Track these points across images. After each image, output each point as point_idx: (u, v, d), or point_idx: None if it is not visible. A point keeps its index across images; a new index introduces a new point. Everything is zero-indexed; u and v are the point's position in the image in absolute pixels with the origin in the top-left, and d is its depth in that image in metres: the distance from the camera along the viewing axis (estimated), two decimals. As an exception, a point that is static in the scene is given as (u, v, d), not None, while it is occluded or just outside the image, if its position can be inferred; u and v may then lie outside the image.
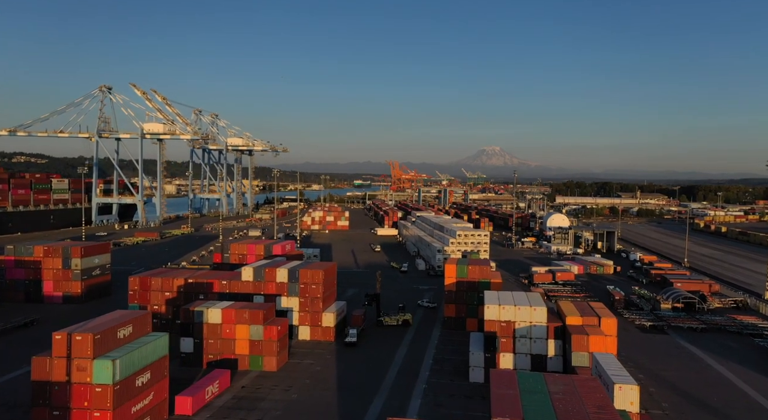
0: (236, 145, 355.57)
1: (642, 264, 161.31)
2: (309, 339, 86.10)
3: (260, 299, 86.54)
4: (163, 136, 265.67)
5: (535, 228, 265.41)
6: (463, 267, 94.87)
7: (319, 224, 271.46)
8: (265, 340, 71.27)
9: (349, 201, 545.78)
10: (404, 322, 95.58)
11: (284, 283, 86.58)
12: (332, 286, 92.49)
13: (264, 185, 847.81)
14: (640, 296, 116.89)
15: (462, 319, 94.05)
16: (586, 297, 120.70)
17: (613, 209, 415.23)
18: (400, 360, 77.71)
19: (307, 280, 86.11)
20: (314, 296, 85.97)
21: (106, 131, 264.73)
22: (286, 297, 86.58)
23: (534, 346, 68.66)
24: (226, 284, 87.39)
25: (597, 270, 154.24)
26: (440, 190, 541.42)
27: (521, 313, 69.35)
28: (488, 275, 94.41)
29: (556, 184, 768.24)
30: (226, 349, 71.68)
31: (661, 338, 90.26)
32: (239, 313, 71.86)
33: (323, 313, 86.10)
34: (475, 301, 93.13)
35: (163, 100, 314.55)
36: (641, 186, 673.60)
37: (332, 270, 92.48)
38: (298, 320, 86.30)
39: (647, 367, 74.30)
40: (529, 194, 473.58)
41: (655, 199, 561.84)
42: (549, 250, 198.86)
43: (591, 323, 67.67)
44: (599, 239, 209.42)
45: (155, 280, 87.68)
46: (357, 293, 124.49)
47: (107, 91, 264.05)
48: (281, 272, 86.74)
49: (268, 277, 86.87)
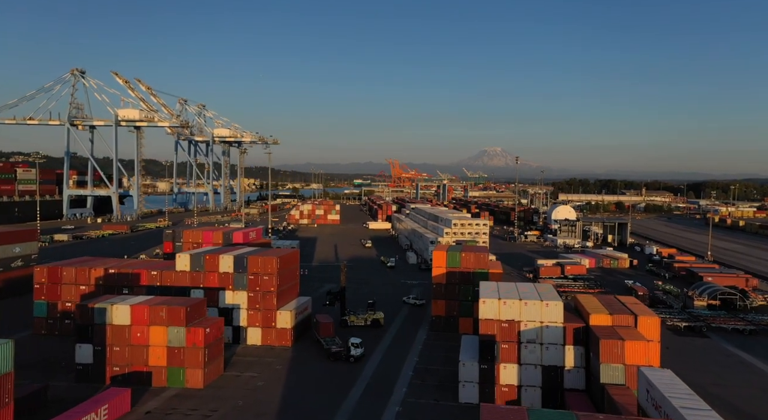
0: (223, 137, 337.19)
1: (661, 257, 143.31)
2: (260, 344, 68.46)
3: (199, 294, 68.86)
4: (139, 124, 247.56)
5: (539, 222, 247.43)
6: (454, 254, 77.08)
7: (308, 218, 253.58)
8: (189, 347, 53.58)
9: (346, 198, 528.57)
10: (374, 322, 78.06)
11: (229, 274, 68.89)
12: (292, 277, 74.75)
13: (262, 183, 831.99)
14: (666, 292, 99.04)
15: (453, 319, 76.31)
16: (602, 293, 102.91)
17: (620, 205, 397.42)
18: (370, 372, 59.96)
19: (258, 270, 68.42)
20: (266, 290, 68.30)
21: (78, 118, 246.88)
22: (232, 291, 68.88)
23: (546, 354, 50.85)
24: (156, 275, 69.65)
25: (611, 263, 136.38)
26: (439, 186, 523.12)
27: (529, 309, 51.56)
28: (486, 264, 76.64)
29: (558, 183, 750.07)
30: (137, 359, 53.99)
31: (703, 343, 72.40)
32: (154, 311, 54.18)
33: (278, 312, 68.43)
34: (469, 297, 75.54)
35: (148, 89, 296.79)
36: (646, 183, 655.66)
37: (292, 258, 74.71)
38: (246, 320, 68.64)
39: (695, 381, 56.21)
40: (532, 190, 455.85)
41: (660, 197, 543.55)
42: (555, 244, 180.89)
43: (624, 323, 49.86)
44: (610, 232, 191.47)
45: (67, 270, 69.96)
46: (333, 289, 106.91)
47: (80, 75, 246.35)
48: (225, 260, 69.03)
49: (208, 267, 69.18)
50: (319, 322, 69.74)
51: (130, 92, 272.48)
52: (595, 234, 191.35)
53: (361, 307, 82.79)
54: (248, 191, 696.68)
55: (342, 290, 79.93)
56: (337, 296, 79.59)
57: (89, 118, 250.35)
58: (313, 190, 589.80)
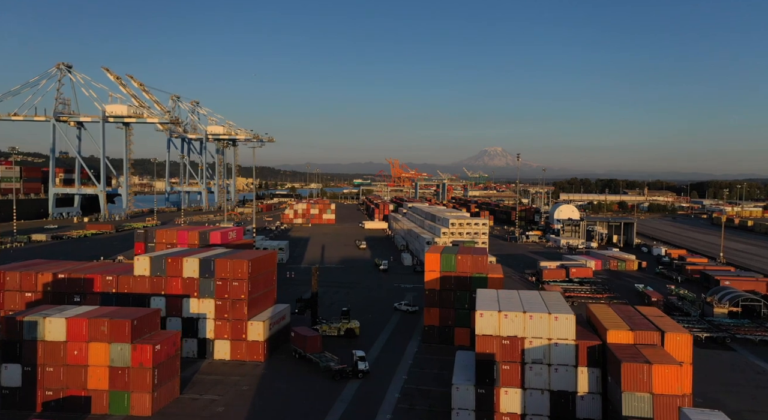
0: (217, 134, 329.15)
1: (671, 259, 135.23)
2: (229, 359, 60.44)
3: (160, 302, 60.87)
4: (128, 120, 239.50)
5: (540, 222, 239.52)
6: (449, 256, 69.02)
7: (302, 218, 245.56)
8: (135, 368, 45.58)
9: (344, 197, 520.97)
10: (348, 332, 70.20)
11: (194, 279, 60.86)
12: (268, 283, 66.74)
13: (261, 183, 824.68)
14: (681, 297, 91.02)
15: (448, 329, 68.30)
16: (611, 298, 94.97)
17: (622, 205, 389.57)
18: (350, 394, 51.94)
19: (227, 275, 60.41)
20: (236, 297, 60.28)
21: (64, 114, 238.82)
22: (197, 299, 60.85)
23: (555, 377, 42.88)
24: (111, 281, 61.59)
25: (618, 265, 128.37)
26: (439, 185, 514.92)
27: (535, 324, 43.57)
28: (484, 267, 68.59)
29: (559, 182, 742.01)
30: (74, 382, 46.02)
31: (729, 357, 64.45)
32: (94, 324, 46.19)
33: (249, 322, 60.42)
34: (466, 304, 67.57)
35: (140, 86, 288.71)
36: (648, 183, 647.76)
37: (267, 261, 66.70)
38: (213, 332, 60.62)
39: (729, 406, 48.28)
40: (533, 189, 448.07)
41: (663, 196, 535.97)
42: (558, 244, 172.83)
43: (649, 341, 41.86)
44: (615, 232, 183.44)
45: (11, 275, 61.81)
46: (322, 294, 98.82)
47: (66, 69, 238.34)
48: (189, 263, 61.00)
49: (171, 271, 61.15)
50: (305, 336, 61.17)
51: (121, 88, 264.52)
52: (599, 234, 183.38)
53: (335, 315, 74.95)
54: (246, 191, 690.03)
55: (314, 296, 72.27)
56: (308, 303, 71.78)
57: (76, 114, 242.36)
58: (310, 190, 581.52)
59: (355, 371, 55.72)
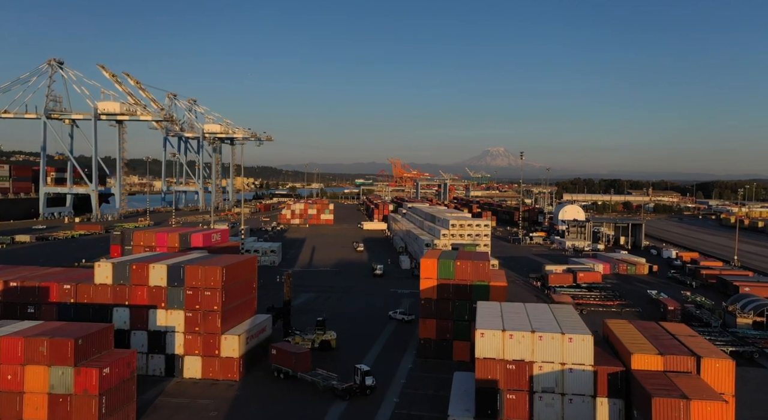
0: (214, 133, 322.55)
1: (683, 262, 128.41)
2: (200, 377, 54.01)
3: (123, 313, 54.52)
4: (121, 117, 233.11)
5: (544, 223, 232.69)
6: (447, 263, 62.47)
7: (299, 218, 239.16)
8: (78, 395, 39.16)
9: (344, 197, 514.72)
10: (323, 345, 63.90)
11: (161, 288, 54.46)
12: (246, 291, 60.25)
13: (262, 183, 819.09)
14: (698, 305, 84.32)
15: (446, 343, 61.77)
16: (623, 305, 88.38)
17: (627, 205, 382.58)
18: (334, 419, 45.54)
19: (198, 283, 54.00)
20: (208, 308, 53.87)
21: (56, 112, 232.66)
22: (165, 310, 54.45)
23: (570, 409, 36.33)
24: (69, 290, 55.20)
25: (627, 269, 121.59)
26: (440, 185, 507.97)
27: (545, 346, 37.04)
28: (486, 275, 62.01)
29: (562, 182, 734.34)
30: (7, 411, 39.63)
31: (758, 376, 57.76)
32: (31, 344, 39.79)
33: (222, 336, 53.99)
34: (465, 315, 61.10)
35: (137, 84, 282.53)
36: (653, 183, 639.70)
37: (245, 267, 60.21)
38: (183, 347, 54.20)
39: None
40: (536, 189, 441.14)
41: (668, 197, 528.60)
42: (563, 246, 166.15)
43: (682, 367, 35.28)
44: (622, 234, 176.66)
45: (-42, 283, 55.48)
46: (312, 300, 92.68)
47: (58, 65, 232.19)
48: (156, 270, 54.58)
49: (136, 279, 54.75)
50: (293, 353, 54.24)
51: (116, 86, 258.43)
52: (606, 236, 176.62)
53: (309, 326, 68.73)
54: (247, 190, 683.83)
55: (286, 305, 66.04)
56: (281, 313, 65.50)
57: (67, 111, 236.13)
58: (311, 190, 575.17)
59: (362, 388, 50.16)
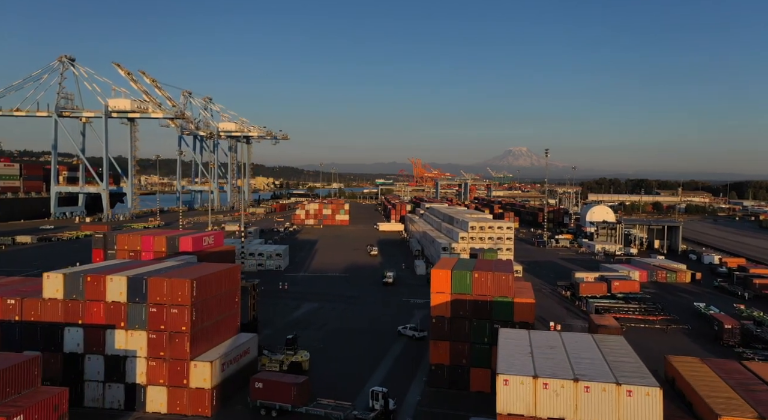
0: (229, 131, 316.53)
1: (729, 269, 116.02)
2: (165, 412, 45.21)
3: (76, 334, 46.05)
4: (132, 115, 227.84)
5: (570, 225, 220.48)
6: (463, 274, 52.59)
7: (314, 218, 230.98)
8: (-18, 448, 30.51)
9: (363, 197, 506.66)
10: (293, 367, 54.73)
11: (120, 305, 45.82)
12: (226, 307, 51.24)
13: (282, 183, 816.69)
14: (758, 322, 72.82)
15: (462, 370, 51.94)
16: (668, 321, 77.26)
17: (657, 206, 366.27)
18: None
19: (163, 298, 45.22)
20: (175, 329, 45.05)
21: (67, 109, 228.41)
22: (124, 330, 45.79)
23: (627, 488, 26.26)
24: (13, 305, 46.86)
25: (667, 277, 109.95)
26: (461, 184, 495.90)
27: (593, 400, 27.06)
28: (509, 289, 51.97)
29: (587, 182, 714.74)
30: None
31: None
32: (-73, 381, 31.22)
33: (192, 363, 45.10)
34: (485, 337, 51.24)
35: (153, 82, 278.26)
36: (683, 183, 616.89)
37: (226, 278, 51.14)
38: (145, 376, 45.45)
39: None
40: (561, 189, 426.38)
41: (699, 197, 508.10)
42: (592, 250, 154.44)
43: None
44: (656, 236, 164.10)
45: None
46: (314, 311, 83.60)
47: (69, 62, 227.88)
48: (115, 283, 45.95)
49: (91, 293, 46.22)
50: (289, 384, 45.23)
51: (132, 84, 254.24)
52: (639, 239, 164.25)
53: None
54: (266, 190, 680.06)
55: (253, 321, 57.24)
56: (247, 330, 56.64)
57: (78, 109, 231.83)
58: (329, 190, 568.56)
59: (387, 414, 43.37)
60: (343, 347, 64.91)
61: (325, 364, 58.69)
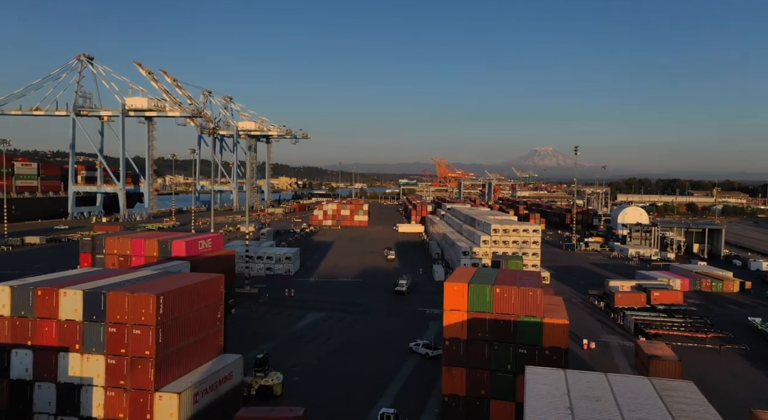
0: (248, 130, 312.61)
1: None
2: (126, 450, 38.26)
3: (24, 358, 39.44)
4: (149, 113, 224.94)
5: (600, 227, 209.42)
6: (482, 289, 44.44)
7: (332, 219, 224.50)
8: None
9: (384, 197, 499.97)
10: (262, 391, 48.29)
11: (75, 323, 39.05)
12: (205, 325, 44.04)
13: (305, 183, 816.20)
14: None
15: (481, 403, 43.84)
16: (721, 339, 67.72)
17: (692, 207, 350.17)
18: None
19: (124, 317, 38.28)
20: (138, 354, 38.05)
21: (85, 108, 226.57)
22: (80, 354, 39.00)
23: None
24: (-44, 322, 40.53)
25: (712, 286, 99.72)
26: (484, 184, 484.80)
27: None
28: (538, 307, 43.62)
29: (616, 183, 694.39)
30: None
31: None
32: None
33: (158, 394, 38.03)
34: (508, 365, 43.07)
35: (173, 81, 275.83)
36: (719, 183, 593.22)
37: (205, 290, 43.95)
38: (103, 408, 38.56)
39: None
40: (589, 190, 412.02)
41: (735, 198, 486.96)
42: (625, 255, 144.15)
43: None
44: (696, 240, 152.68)
45: None
46: (320, 322, 76.33)
47: (87, 61, 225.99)
48: (69, 298, 39.21)
49: (41, 309, 39.56)
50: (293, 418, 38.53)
51: (153, 84, 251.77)
52: (677, 242, 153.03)
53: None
54: (288, 190, 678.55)
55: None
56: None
57: (96, 108, 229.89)
58: (351, 190, 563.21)
59: None
60: (347, 366, 57.56)
61: (323, 385, 51.31)
